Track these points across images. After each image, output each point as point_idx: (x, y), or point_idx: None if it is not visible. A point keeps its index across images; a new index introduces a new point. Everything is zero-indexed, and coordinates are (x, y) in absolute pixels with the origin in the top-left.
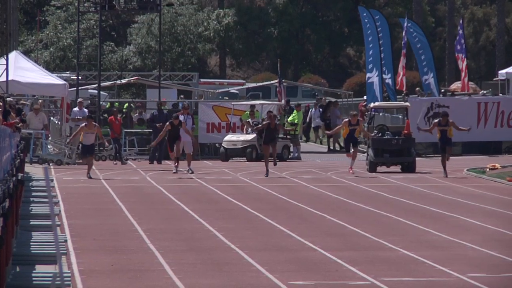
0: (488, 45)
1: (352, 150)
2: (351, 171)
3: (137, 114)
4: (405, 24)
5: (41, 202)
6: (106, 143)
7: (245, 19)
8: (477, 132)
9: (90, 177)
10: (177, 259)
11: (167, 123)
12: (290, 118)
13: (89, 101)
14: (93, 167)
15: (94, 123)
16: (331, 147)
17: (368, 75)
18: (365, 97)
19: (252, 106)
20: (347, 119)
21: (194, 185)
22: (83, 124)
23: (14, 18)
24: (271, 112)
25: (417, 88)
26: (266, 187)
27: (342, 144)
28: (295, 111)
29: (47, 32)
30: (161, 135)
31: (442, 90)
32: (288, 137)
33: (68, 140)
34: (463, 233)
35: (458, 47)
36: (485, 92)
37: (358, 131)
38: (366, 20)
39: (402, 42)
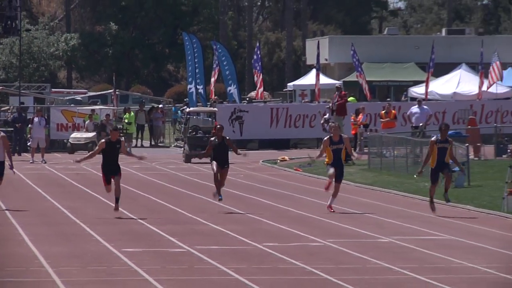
0: (279, 63)
1: (335, 181)
2: (331, 210)
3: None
4: (215, 46)
5: None
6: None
7: (87, 41)
8: (270, 132)
9: None
10: (34, 232)
11: (102, 141)
12: (126, 118)
13: None
14: None
15: None
16: (153, 143)
17: (189, 86)
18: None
19: (93, 110)
20: (327, 137)
21: (47, 173)
22: None
23: None
24: (219, 125)
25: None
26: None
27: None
28: (127, 114)
29: None
30: (92, 153)
31: (248, 98)
32: (123, 135)
33: None
34: (260, 210)
35: (256, 65)
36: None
37: (344, 153)
38: (187, 43)
39: (213, 61)
